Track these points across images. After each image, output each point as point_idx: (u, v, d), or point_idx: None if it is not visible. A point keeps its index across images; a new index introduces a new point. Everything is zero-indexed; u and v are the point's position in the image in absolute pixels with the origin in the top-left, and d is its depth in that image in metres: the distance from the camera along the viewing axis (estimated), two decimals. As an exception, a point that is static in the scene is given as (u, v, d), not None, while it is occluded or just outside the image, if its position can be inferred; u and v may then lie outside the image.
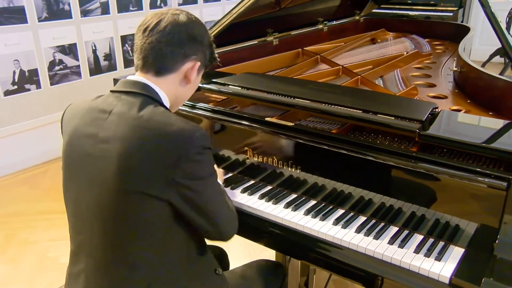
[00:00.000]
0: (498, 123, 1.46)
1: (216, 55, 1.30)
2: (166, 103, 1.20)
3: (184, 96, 1.29)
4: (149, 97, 1.15)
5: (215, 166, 1.57)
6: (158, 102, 1.16)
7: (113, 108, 1.13)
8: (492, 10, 1.69)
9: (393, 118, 1.41)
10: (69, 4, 3.60)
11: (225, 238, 1.23)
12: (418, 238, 1.31)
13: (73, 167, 1.17)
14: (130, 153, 1.06)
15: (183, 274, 1.19)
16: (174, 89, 1.21)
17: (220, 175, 1.56)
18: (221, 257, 1.67)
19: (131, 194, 1.07)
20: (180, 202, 1.09)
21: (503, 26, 1.82)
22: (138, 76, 1.19)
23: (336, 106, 1.52)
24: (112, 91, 1.19)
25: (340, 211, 1.44)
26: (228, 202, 1.24)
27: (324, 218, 1.40)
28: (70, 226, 1.22)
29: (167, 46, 1.14)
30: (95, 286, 1.15)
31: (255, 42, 2.30)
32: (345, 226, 1.37)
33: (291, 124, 1.51)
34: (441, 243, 1.28)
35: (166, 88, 1.19)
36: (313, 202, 1.49)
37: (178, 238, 1.16)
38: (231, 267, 1.62)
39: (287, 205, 1.48)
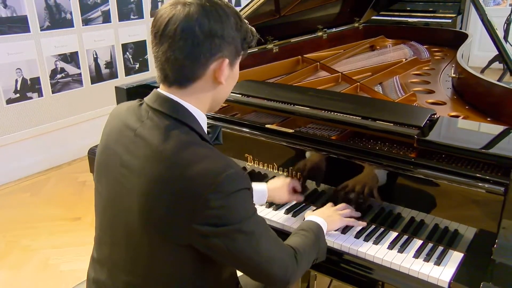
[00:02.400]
0: (496, 129, 1.47)
1: (253, 33, 1.09)
2: (202, 120, 1.07)
3: (225, 94, 1.12)
4: (178, 120, 1.02)
5: None
6: (188, 126, 1.02)
7: (138, 127, 1.04)
8: (488, 18, 1.71)
9: (392, 124, 1.43)
10: (71, 13, 3.63)
11: (276, 285, 1.07)
12: (417, 243, 1.32)
13: (102, 179, 1.12)
14: (150, 194, 0.97)
15: None
16: (207, 96, 1.07)
17: (286, 186, 1.49)
18: None
19: (153, 234, 1.00)
20: (204, 248, 0.99)
21: (499, 33, 1.84)
22: (168, 93, 1.05)
23: (335, 113, 1.53)
24: (145, 102, 1.09)
25: (340, 217, 1.45)
26: (273, 246, 1.06)
27: (324, 223, 1.41)
28: (97, 232, 1.17)
29: (182, 54, 0.98)
30: None
31: (255, 49, 2.32)
32: (345, 231, 1.38)
33: (291, 131, 1.53)
34: (440, 248, 1.29)
35: (197, 100, 1.05)
36: (313, 208, 1.50)
37: (207, 276, 1.09)
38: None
39: (287, 211, 1.49)
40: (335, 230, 1.38)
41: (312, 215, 1.34)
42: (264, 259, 1.03)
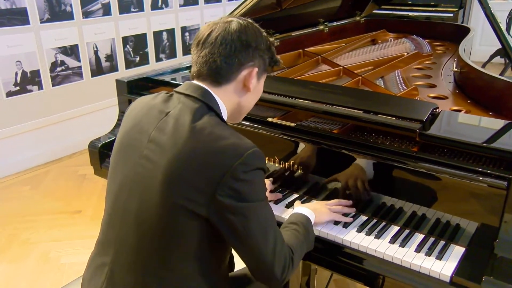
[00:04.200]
0: (498, 123, 1.46)
1: (279, 59, 1.25)
2: (224, 114, 1.17)
3: (248, 104, 1.24)
4: (207, 105, 1.12)
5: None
6: (215, 112, 1.12)
7: (171, 110, 1.12)
8: (492, 11, 1.70)
9: (394, 118, 1.42)
10: (71, 6, 3.62)
11: (272, 282, 1.11)
12: (419, 237, 1.32)
13: (122, 160, 1.16)
14: (177, 165, 1.03)
15: (207, 285, 1.14)
16: (234, 98, 1.18)
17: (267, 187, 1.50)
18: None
19: (172, 205, 1.04)
20: (219, 223, 1.04)
21: (503, 26, 1.83)
22: (200, 83, 1.15)
23: (337, 107, 1.53)
24: (175, 91, 1.17)
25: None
26: (278, 240, 1.10)
27: (325, 217, 1.41)
28: (104, 216, 1.20)
29: (220, 57, 1.11)
30: (119, 282, 1.13)
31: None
32: (346, 225, 1.38)
33: (292, 124, 1.53)
34: (442, 242, 1.29)
35: (226, 98, 1.16)
36: (314, 202, 1.50)
37: (214, 255, 1.13)
38: (236, 268, 1.63)
39: (289, 205, 1.49)
40: (335, 224, 1.38)
41: (300, 207, 1.37)
42: (269, 249, 1.06)
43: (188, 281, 1.11)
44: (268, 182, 1.55)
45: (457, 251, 1.25)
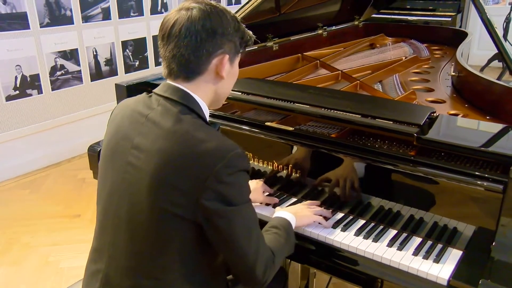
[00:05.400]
0: (495, 127, 1.48)
1: (250, 35, 1.19)
2: (206, 111, 1.15)
3: (226, 90, 1.21)
4: (187, 107, 1.10)
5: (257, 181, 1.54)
6: (196, 113, 1.11)
7: (150, 112, 1.11)
8: (488, 16, 1.71)
9: (391, 122, 1.43)
10: (70, 10, 3.63)
11: (254, 284, 1.12)
12: (416, 240, 1.33)
13: (109, 165, 1.16)
14: (161, 170, 1.03)
15: (205, 285, 1.15)
16: (210, 89, 1.15)
17: (260, 188, 1.53)
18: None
19: (159, 210, 1.04)
20: (205, 225, 1.04)
21: (499, 32, 1.84)
22: (176, 83, 1.13)
23: (335, 111, 1.53)
24: (154, 93, 1.16)
25: (340, 214, 1.46)
26: (261, 242, 1.12)
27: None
28: (97, 223, 1.20)
29: (188, 50, 1.08)
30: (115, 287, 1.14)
31: (255, 47, 2.32)
32: (344, 229, 1.39)
33: (291, 128, 1.53)
34: (440, 245, 1.29)
35: (203, 93, 1.14)
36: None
37: (204, 258, 1.13)
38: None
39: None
40: (334, 228, 1.39)
41: (281, 211, 1.38)
42: (252, 250, 1.08)
43: (184, 282, 1.11)
44: (262, 184, 1.55)
45: (454, 255, 1.26)
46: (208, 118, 1.17)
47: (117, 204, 1.12)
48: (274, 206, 1.52)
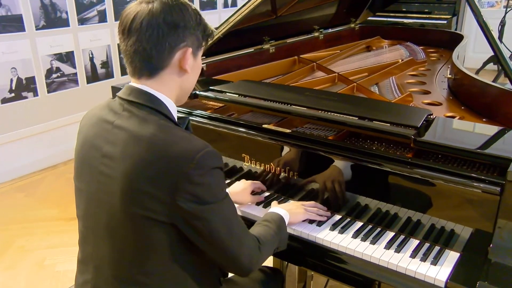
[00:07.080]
0: (491, 129, 1.48)
1: (212, 28, 1.18)
2: (173, 110, 1.14)
3: (191, 84, 1.19)
4: (153, 109, 1.09)
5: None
6: (162, 114, 1.09)
7: (116, 119, 1.09)
8: (484, 19, 1.72)
9: (388, 124, 1.43)
10: (66, 13, 3.62)
11: (242, 272, 1.15)
12: (414, 242, 1.33)
13: (82, 177, 1.16)
14: (132, 176, 1.02)
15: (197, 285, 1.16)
16: (175, 84, 1.14)
17: (248, 188, 1.53)
18: None
19: (135, 216, 1.04)
20: (185, 227, 1.05)
21: (495, 34, 1.85)
22: (140, 84, 1.12)
23: (332, 113, 1.54)
24: (118, 96, 1.14)
25: (337, 217, 1.46)
26: (242, 233, 1.13)
27: (321, 224, 1.42)
28: (79, 234, 1.20)
29: (149, 44, 1.06)
30: None
31: (251, 50, 2.33)
32: (342, 231, 1.38)
33: (288, 131, 1.53)
34: (437, 248, 1.29)
35: (166, 88, 1.12)
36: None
37: (188, 258, 1.13)
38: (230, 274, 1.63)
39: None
40: (332, 230, 1.39)
41: (275, 207, 1.40)
42: (235, 243, 1.09)
43: (172, 284, 1.12)
44: (250, 184, 1.55)
45: (452, 257, 1.26)
46: (176, 115, 1.15)
47: (95, 214, 1.12)
48: (265, 206, 1.52)
